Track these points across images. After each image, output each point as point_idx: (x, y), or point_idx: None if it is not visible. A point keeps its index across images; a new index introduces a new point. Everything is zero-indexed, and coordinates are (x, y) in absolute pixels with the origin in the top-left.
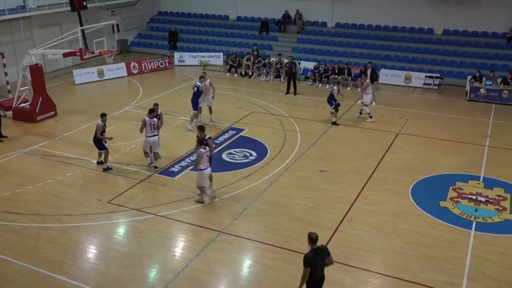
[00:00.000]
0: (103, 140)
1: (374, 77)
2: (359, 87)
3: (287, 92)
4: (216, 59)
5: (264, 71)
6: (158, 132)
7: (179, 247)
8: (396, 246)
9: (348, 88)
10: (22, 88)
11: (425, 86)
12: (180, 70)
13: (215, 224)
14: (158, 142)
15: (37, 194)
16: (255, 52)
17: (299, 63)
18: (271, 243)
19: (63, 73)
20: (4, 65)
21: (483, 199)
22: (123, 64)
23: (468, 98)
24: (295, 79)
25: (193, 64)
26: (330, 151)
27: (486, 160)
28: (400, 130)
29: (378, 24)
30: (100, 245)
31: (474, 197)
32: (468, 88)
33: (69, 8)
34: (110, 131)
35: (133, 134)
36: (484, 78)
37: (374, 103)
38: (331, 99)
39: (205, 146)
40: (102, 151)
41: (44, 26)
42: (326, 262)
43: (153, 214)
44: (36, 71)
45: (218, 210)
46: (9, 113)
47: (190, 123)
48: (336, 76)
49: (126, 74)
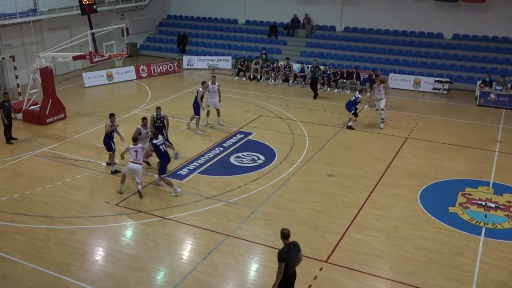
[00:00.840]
0: (112, 141)
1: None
2: (374, 90)
3: (315, 98)
4: (225, 62)
5: (272, 75)
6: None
7: (187, 250)
8: (404, 252)
9: (357, 93)
10: (32, 91)
11: (434, 91)
12: (188, 73)
13: (223, 227)
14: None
15: (46, 196)
16: (264, 56)
17: (308, 68)
18: (279, 247)
19: (72, 76)
20: (15, 68)
21: (493, 205)
22: (132, 68)
23: (477, 103)
24: (317, 84)
25: (201, 67)
26: (338, 155)
27: (496, 166)
28: (408, 135)
29: (387, 29)
30: (107, 247)
31: (483, 203)
32: (477, 93)
33: (79, 11)
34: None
35: None
36: (494, 83)
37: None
38: (351, 105)
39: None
40: (110, 153)
41: (55, 29)
42: (298, 258)
43: (160, 217)
44: (46, 74)
45: (226, 213)
46: (19, 115)
47: (197, 129)
48: (344, 80)
49: (135, 77)
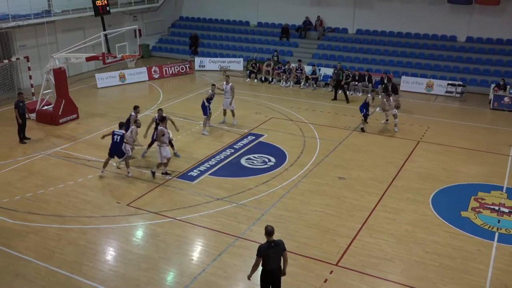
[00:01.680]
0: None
1: (394, 89)
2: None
3: (334, 98)
4: (236, 64)
5: (284, 77)
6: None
7: (197, 251)
8: (415, 256)
9: (369, 95)
10: (46, 91)
11: (447, 94)
12: (200, 75)
13: (233, 229)
14: (159, 153)
15: (58, 196)
16: (275, 58)
17: (319, 70)
18: (288, 249)
19: (85, 77)
20: (29, 69)
21: (506, 210)
22: (144, 69)
23: (491, 107)
24: (342, 86)
25: (213, 69)
26: (350, 158)
27: (510, 170)
28: (421, 138)
29: (399, 31)
30: (118, 247)
31: (496, 208)
32: (491, 96)
33: (92, 13)
34: None
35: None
36: (508, 87)
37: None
38: (363, 107)
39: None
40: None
41: (68, 30)
42: (283, 258)
43: (171, 218)
44: (60, 75)
45: (236, 215)
46: (33, 116)
47: (204, 129)
48: (356, 83)
49: (147, 79)
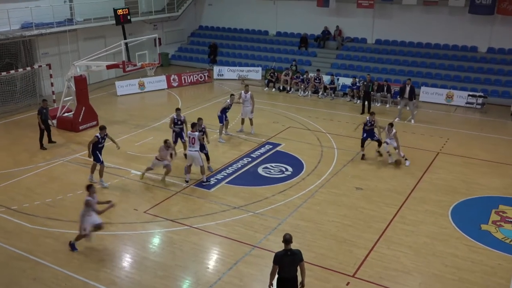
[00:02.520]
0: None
1: (413, 95)
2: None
3: (363, 112)
4: (255, 73)
5: (302, 86)
6: (197, 147)
7: (213, 260)
8: (434, 269)
9: (387, 106)
10: (67, 98)
11: (468, 105)
12: (219, 84)
13: (249, 238)
14: (199, 157)
15: (76, 202)
16: (294, 68)
17: (338, 79)
18: (305, 260)
19: (106, 85)
20: (51, 76)
21: None
22: (163, 77)
23: None
24: (370, 99)
25: (231, 78)
26: (367, 168)
27: None
28: (440, 150)
29: (419, 41)
30: (135, 254)
31: None
32: None
33: (114, 21)
34: (149, 142)
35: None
36: None
37: (412, 121)
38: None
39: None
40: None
41: (90, 38)
42: (300, 268)
43: (188, 226)
44: (80, 82)
45: (252, 224)
46: (54, 122)
47: (220, 137)
48: (375, 93)
49: (166, 87)
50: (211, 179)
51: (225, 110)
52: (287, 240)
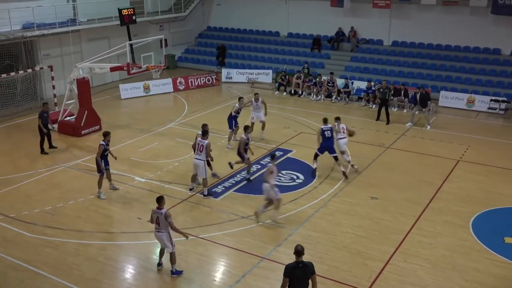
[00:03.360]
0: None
1: (426, 102)
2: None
3: (378, 119)
4: (265, 76)
5: (314, 90)
6: (204, 157)
7: (219, 272)
8: (453, 284)
9: (405, 111)
10: (69, 102)
11: (490, 111)
12: (227, 87)
13: (258, 249)
14: (204, 168)
15: (77, 210)
16: (306, 70)
17: (352, 83)
18: (317, 272)
19: (109, 88)
20: (52, 78)
21: None
22: (169, 80)
23: None
24: (388, 106)
25: (240, 81)
26: (383, 177)
27: None
28: (460, 157)
29: (438, 43)
30: (138, 265)
31: None
32: None
33: (118, 22)
34: (154, 148)
35: (177, 151)
36: None
37: (429, 126)
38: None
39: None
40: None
41: (93, 39)
42: (312, 281)
43: (193, 236)
44: (83, 85)
45: (262, 235)
46: (55, 126)
47: (229, 143)
48: (392, 98)
49: (172, 90)
50: (218, 187)
51: (235, 115)
52: (298, 251)
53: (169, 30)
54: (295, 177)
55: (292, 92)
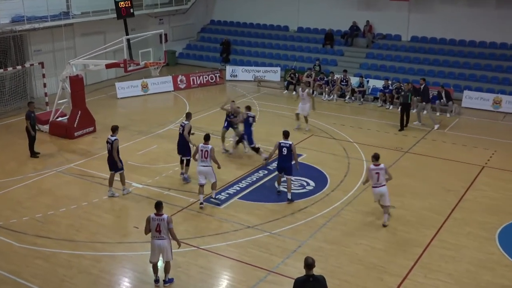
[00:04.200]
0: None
1: (427, 97)
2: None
3: (401, 129)
4: (273, 74)
5: (326, 89)
6: (209, 162)
7: (223, 286)
8: None
9: (425, 112)
10: (61, 101)
11: None
12: (232, 85)
13: (265, 262)
14: (213, 172)
15: (70, 218)
16: (317, 68)
17: (368, 82)
18: (329, 287)
19: (104, 86)
20: (43, 76)
21: None
22: (169, 78)
23: None
24: (409, 112)
25: (246, 79)
26: (401, 184)
27: None
28: (486, 163)
29: (462, 39)
30: (135, 278)
31: None
32: None
33: (114, 15)
34: (153, 151)
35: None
36: None
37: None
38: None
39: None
40: (117, 172)
41: (88, 34)
42: None
43: (195, 247)
44: (76, 83)
45: (269, 246)
46: (46, 127)
47: (223, 145)
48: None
49: (172, 89)
50: (222, 194)
51: (229, 117)
52: (309, 264)
53: (169, 24)
54: (305, 183)
55: None
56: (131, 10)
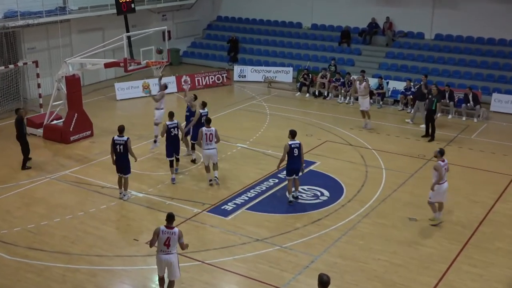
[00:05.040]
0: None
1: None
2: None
3: (427, 135)
4: (284, 75)
5: (342, 91)
6: (214, 145)
7: None
8: None
9: (450, 116)
10: (56, 103)
11: None
12: (240, 87)
13: (275, 278)
14: (217, 155)
15: (64, 229)
16: (332, 68)
17: (387, 83)
18: None
19: (103, 87)
20: (38, 75)
21: None
22: (173, 78)
23: None
24: (434, 120)
25: (256, 80)
26: (423, 194)
27: None
28: None
29: (491, 37)
30: None
31: None
32: None
33: (114, 11)
34: (154, 157)
35: (180, 162)
36: None
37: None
38: None
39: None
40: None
41: (85, 31)
42: None
43: (199, 261)
44: (73, 83)
45: (279, 261)
46: (40, 131)
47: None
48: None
49: (175, 90)
50: (228, 204)
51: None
52: (325, 282)
53: (173, 20)
54: (319, 193)
55: (316, 93)
56: (132, 5)
